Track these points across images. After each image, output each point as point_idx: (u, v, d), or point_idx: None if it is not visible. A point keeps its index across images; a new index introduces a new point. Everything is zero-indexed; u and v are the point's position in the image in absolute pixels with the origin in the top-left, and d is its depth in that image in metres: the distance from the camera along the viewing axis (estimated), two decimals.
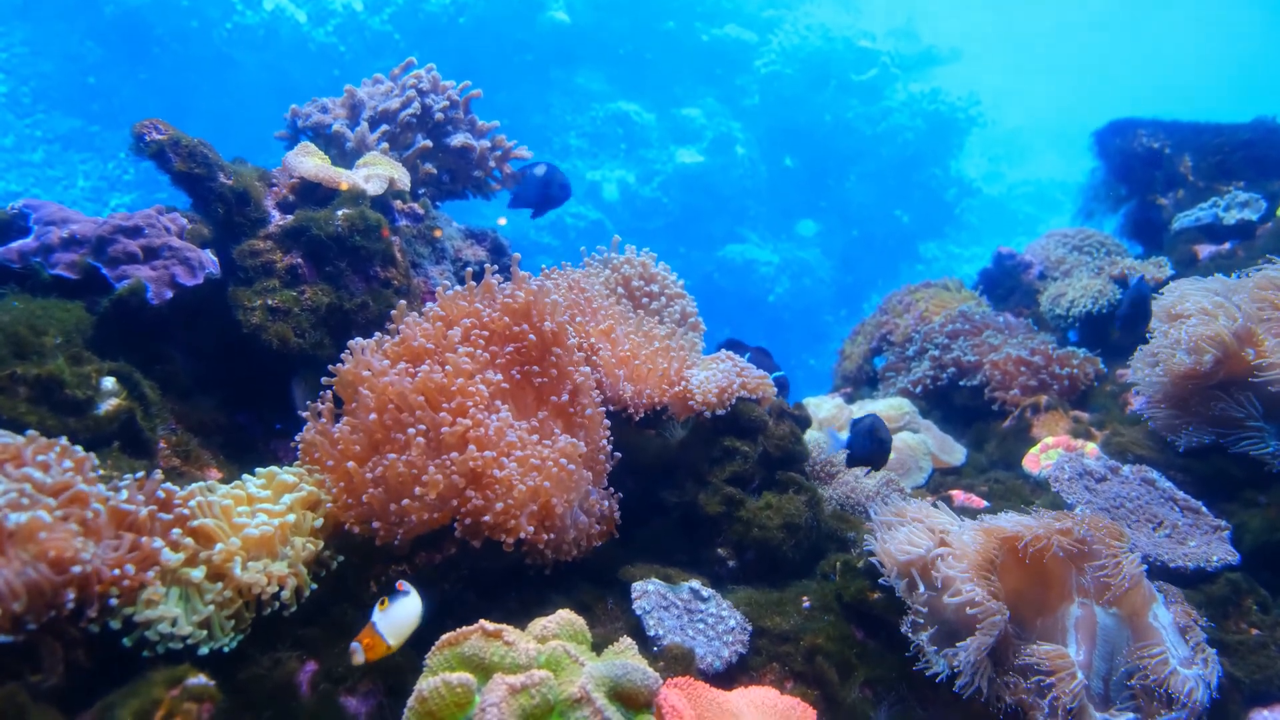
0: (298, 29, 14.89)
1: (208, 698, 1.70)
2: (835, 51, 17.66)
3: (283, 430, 2.95)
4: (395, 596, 1.89)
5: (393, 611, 1.87)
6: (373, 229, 2.91)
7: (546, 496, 2.21)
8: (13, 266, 2.51)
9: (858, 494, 3.19)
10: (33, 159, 14.11)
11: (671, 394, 2.79)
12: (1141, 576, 2.17)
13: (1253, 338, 2.84)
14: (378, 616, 1.85)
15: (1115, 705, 2.03)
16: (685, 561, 2.64)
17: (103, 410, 2.25)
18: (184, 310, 2.68)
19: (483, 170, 3.79)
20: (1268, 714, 2.22)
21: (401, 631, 1.87)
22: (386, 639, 1.84)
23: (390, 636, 1.85)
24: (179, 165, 2.76)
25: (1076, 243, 5.09)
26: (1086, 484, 2.96)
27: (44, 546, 1.61)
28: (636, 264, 3.20)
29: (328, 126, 3.49)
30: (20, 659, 1.64)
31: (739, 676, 2.18)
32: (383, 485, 2.18)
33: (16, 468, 1.72)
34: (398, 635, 1.86)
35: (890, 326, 4.93)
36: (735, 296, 16.29)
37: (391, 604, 1.87)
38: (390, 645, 1.85)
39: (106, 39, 14.34)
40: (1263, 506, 2.83)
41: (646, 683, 1.72)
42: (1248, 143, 4.78)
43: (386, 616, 1.86)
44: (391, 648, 1.85)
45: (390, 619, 1.86)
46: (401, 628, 1.87)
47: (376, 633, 1.83)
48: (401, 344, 2.44)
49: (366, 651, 1.81)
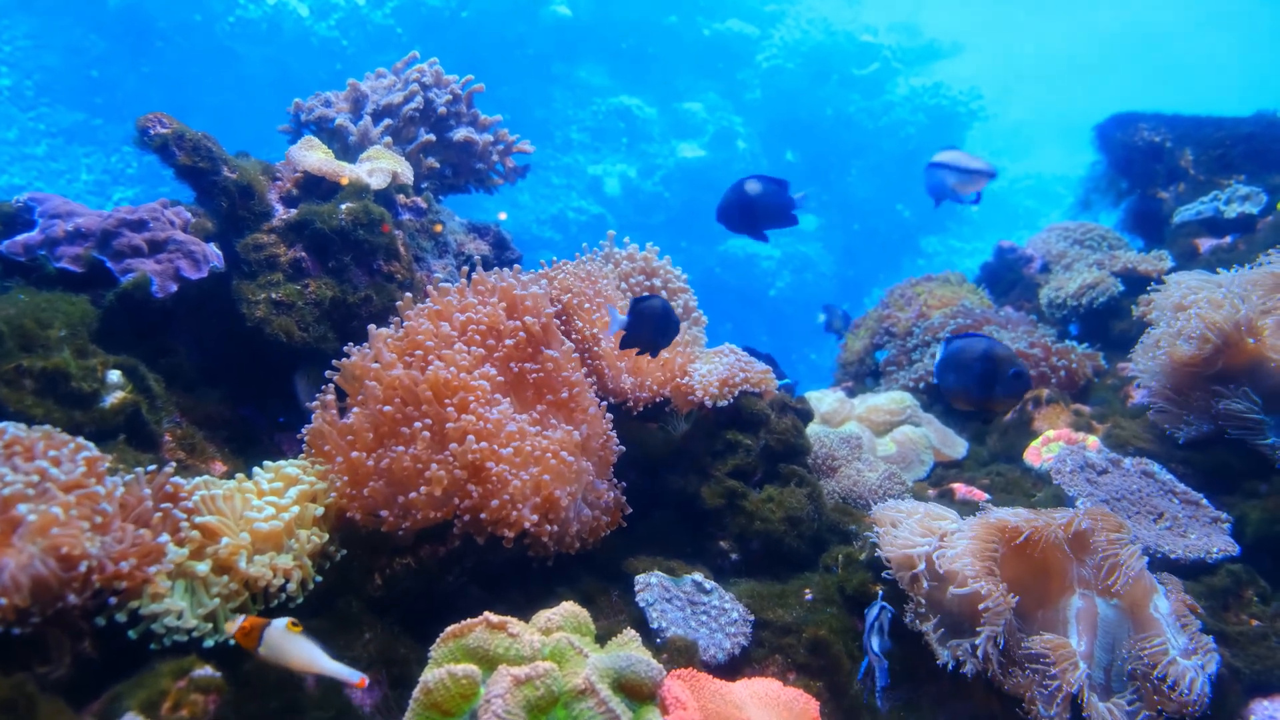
0: (300, 23, 14.89)
1: (214, 689, 1.71)
2: (837, 46, 17.65)
3: (286, 423, 2.96)
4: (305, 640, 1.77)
5: (292, 638, 1.75)
6: (376, 223, 2.92)
7: (548, 489, 2.22)
8: (18, 260, 2.52)
9: (860, 487, 3.21)
10: (36, 152, 14.13)
11: (673, 386, 2.79)
12: (1143, 568, 2.18)
13: (1254, 328, 2.85)
14: (279, 624, 1.76)
15: (1116, 695, 2.04)
16: (688, 554, 2.65)
17: (108, 403, 2.26)
18: (188, 304, 2.69)
19: (485, 164, 3.80)
20: (1268, 704, 2.23)
21: (277, 650, 1.75)
22: (263, 642, 1.74)
23: (267, 645, 1.74)
24: (183, 159, 2.76)
25: (1078, 236, 5.09)
26: (1088, 476, 2.97)
27: (55, 541, 1.62)
28: (638, 259, 3.20)
29: (331, 120, 3.50)
30: (28, 651, 1.66)
31: (742, 668, 2.19)
32: (388, 477, 2.19)
33: (27, 461, 1.73)
34: (273, 649, 1.75)
35: (892, 320, 4.93)
36: (737, 291, 16.31)
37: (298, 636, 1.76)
38: (261, 650, 1.74)
39: (110, 32, 14.35)
40: (1263, 498, 2.83)
41: (650, 674, 1.73)
42: (1249, 136, 4.77)
43: (284, 633, 1.75)
44: (261, 653, 1.75)
45: (283, 637, 1.75)
46: (282, 649, 1.75)
47: (263, 629, 1.74)
48: (405, 338, 2.45)
49: (240, 630, 1.75)
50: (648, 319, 2.50)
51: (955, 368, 2.59)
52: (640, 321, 2.49)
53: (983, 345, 2.56)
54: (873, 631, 2.01)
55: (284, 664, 1.76)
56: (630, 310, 2.48)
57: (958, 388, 2.62)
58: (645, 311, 2.49)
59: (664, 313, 2.53)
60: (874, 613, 2.06)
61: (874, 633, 2.01)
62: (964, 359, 2.57)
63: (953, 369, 2.60)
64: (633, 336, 2.51)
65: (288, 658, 1.75)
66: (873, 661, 2.00)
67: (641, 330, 2.51)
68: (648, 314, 2.50)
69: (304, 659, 1.75)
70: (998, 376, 2.53)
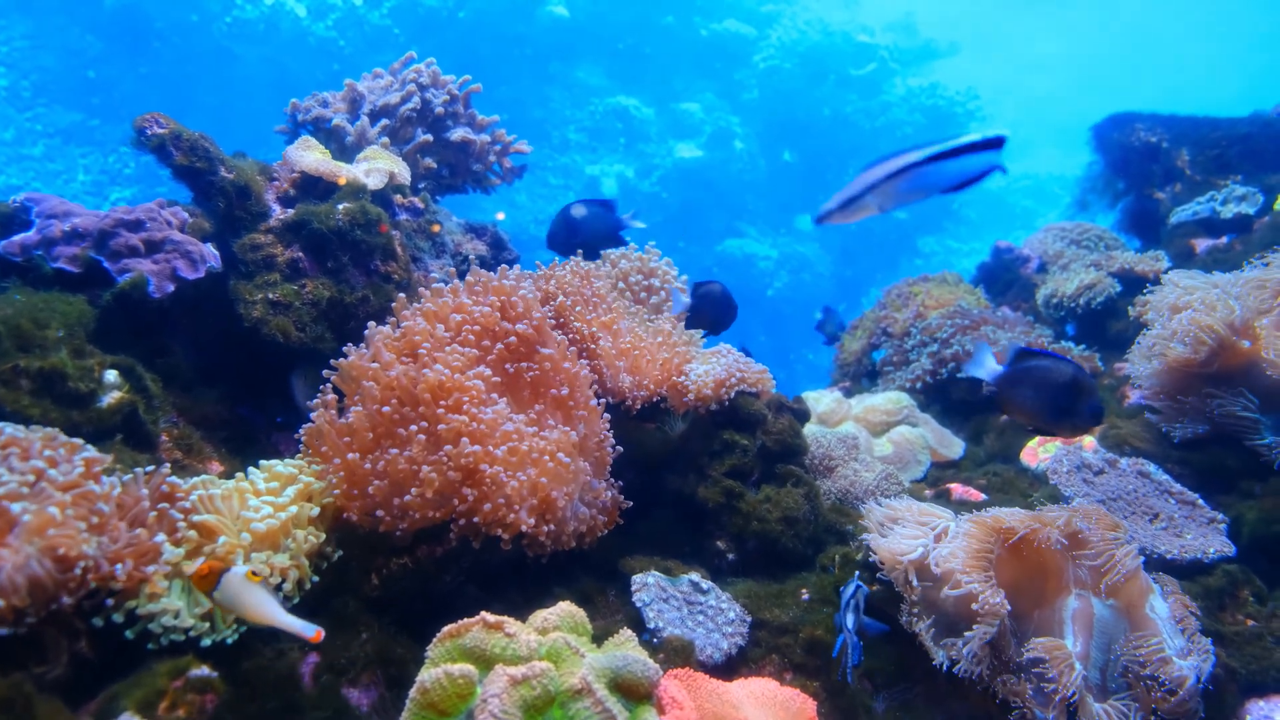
0: (297, 23, 14.89)
1: (211, 689, 1.72)
2: (834, 46, 17.67)
3: (283, 423, 2.96)
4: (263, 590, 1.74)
5: (250, 586, 1.72)
6: (373, 223, 2.92)
7: (545, 490, 2.22)
8: (15, 260, 2.51)
9: (857, 487, 3.21)
10: (33, 153, 14.11)
11: (670, 386, 2.80)
12: (1138, 568, 2.18)
13: (1249, 329, 2.86)
14: (239, 570, 1.73)
15: (1113, 695, 2.04)
16: (685, 554, 2.66)
17: (105, 403, 2.26)
18: (185, 304, 2.69)
19: (482, 164, 3.81)
20: (1263, 704, 2.23)
21: (233, 597, 1.71)
22: (219, 586, 1.70)
23: (223, 591, 1.70)
24: (180, 159, 2.76)
25: (1074, 236, 5.09)
26: (1084, 477, 2.97)
27: (52, 542, 1.62)
28: (634, 259, 3.20)
29: (328, 121, 3.50)
30: (25, 650, 1.66)
31: (739, 668, 2.20)
32: (386, 478, 2.19)
33: (23, 460, 1.73)
34: (228, 595, 1.71)
35: (889, 321, 4.94)
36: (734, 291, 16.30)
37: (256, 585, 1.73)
38: (216, 595, 1.71)
39: (107, 33, 14.34)
40: (1259, 498, 2.84)
41: (647, 674, 1.74)
42: (1245, 136, 4.79)
43: (242, 580, 1.72)
44: (215, 598, 1.72)
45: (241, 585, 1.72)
46: (238, 597, 1.71)
47: (222, 573, 1.71)
48: (402, 338, 2.45)
49: (197, 573, 1.72)
50: (709, 301, 2.66)
51: (1031, 385, 2.45)
52: (702, 304, 2.64)
53: (1069, 372, 2.42)
54: (848, 609, 2.01)
55: (238, 611, 1.73)
56: (692, 293, 2.71)
57: (1028, 407, 2.47)
58: (707, 295, 2.66)
59: (725, 295, 2.68)
60: (849, 591, 2.05)
61: (849, 610, 2.01)
62: (1045, 380, 2.43)
63: (1028, 386, 2.45)
64: (696, 318, 2.66)
65: (242, 606, 1.72)
66: (846, 639, 2.00)
67: (704, 311, 2.64)
68: (709, 296, 2.66)
69: (258, 609, 1.72)
70: (1077, 409, 2.41)
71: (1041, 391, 2.43)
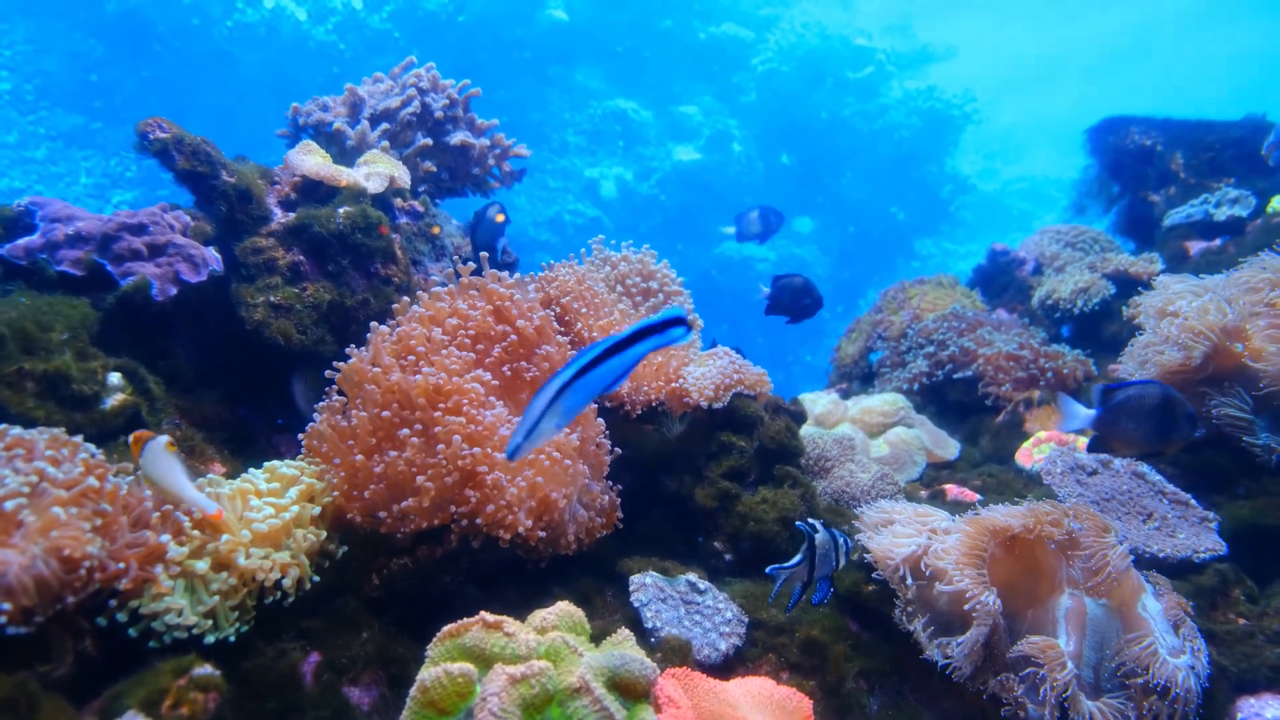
0: (298, 27, 14.89)
1: (214, 687, 1.73)
2: (831, 49, 17.68)
3: (284, 425, 2.98)
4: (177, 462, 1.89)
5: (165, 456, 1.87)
6: (373, 226, 2.94)
7: (543, 492, 2.24)
8: (19, 263, 2.54)
9: (853, 488, 3.23)
10: (35, 156, 14.13)
11: (668, 389, 2.82)
12: (1130, 567, 2.20)
13: (1241, 333, 2.88)
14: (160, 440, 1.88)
15: (1106, 694, 2.06)
16: (682, 554, 2.68)
17: (109, 405, 2.28)
18: (188, 307, 2.72)
19: (482, 168, 3.83)
20: (1254, 701, 2.25)
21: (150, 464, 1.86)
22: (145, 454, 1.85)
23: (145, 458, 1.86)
24: (182, 163, 2.79)
25: (1070, 239, 5.12)
26: (1078, 477, 3.00)
27: (57, 543, 1.64)
28: (634, 261, 3.22)
29: (329, 124, 3.52)
30: (30, 649, 1.68)
31: (736, 667, 2.21)
32: (386, 481, 2.21)
33: (27, 461, 1.75)
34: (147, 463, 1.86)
35: (885, 323, 4.96)
36: (732, 293, 16.32)
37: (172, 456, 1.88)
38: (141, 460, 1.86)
39: (109, 36, 14.35)
40: (1251, 498, 2.87)
41: (644, 673, 1.76)
42: (1239, 140, 4.81)
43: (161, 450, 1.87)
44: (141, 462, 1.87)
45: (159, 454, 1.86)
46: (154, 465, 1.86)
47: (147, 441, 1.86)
48: (399, 342, 2.47)
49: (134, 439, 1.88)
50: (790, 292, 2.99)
51: (1130, 417, 2.61)
52: (781, 292, 2.94)
53: (1157, 393, 2.60)
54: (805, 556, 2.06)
55: (151, 478, 1.85)
56: (773, 285, 2.96)
57: (1136, 439, 2.65)
58: (787, 286, 2.97)
59: (806, 287, 2.98)
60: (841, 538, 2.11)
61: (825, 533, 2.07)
62: (1140, 409, 2.60)
63: (1127, 419, 2.62)
64: (775, 304, 2.96)
65: (155, 473, 1.85)
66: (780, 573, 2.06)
67: (782, 299, 2.95)
68: (789, 288, 2.98)
69: (166, 478, 1.85)
70: (1178, 424, 2.57)
71: (1140, 420, 2.60)
